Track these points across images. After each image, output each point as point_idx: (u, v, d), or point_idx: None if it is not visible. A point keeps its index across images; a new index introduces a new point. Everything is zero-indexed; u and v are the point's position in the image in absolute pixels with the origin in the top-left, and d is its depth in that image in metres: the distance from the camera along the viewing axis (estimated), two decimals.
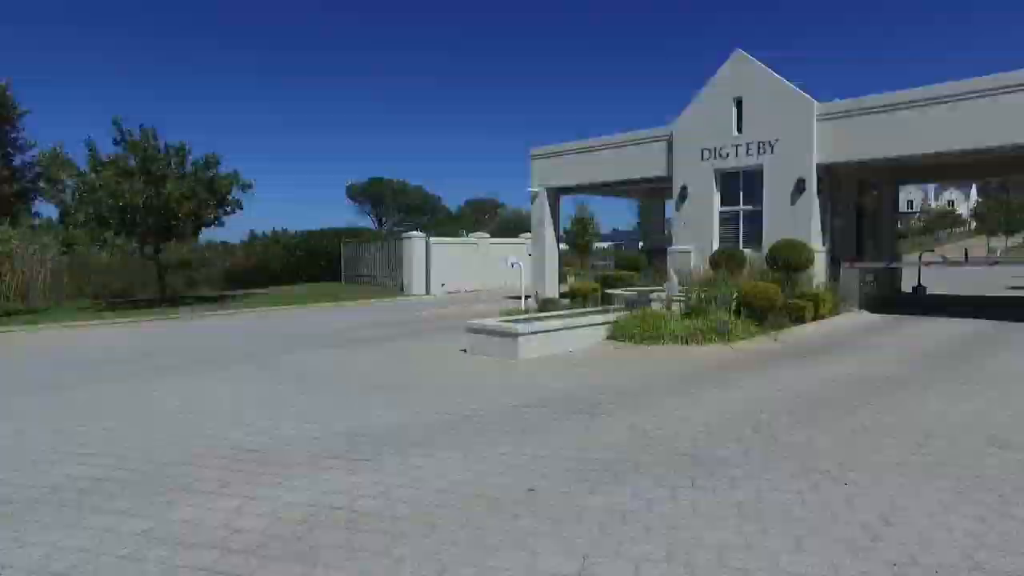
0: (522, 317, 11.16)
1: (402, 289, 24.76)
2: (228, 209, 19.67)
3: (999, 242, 78.51)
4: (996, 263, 28.67)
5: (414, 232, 25.96)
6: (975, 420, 5.73)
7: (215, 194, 19.04)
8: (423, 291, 24.41)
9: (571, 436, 5.40)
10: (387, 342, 11.66)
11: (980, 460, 4.64)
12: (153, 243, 19.78)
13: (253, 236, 35.59)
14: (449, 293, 24.56)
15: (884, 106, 13.86)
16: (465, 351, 10.11)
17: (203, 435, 5.64)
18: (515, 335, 9.34)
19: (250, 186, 19.71)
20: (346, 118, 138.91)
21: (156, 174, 17.82)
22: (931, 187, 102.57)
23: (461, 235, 35.06)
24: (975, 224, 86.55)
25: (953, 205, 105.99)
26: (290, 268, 29.50)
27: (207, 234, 25.24)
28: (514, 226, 57.47)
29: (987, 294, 20.40)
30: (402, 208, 77.05)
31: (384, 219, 77.21)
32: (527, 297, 15.12)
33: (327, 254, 29.56)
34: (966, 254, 28.34)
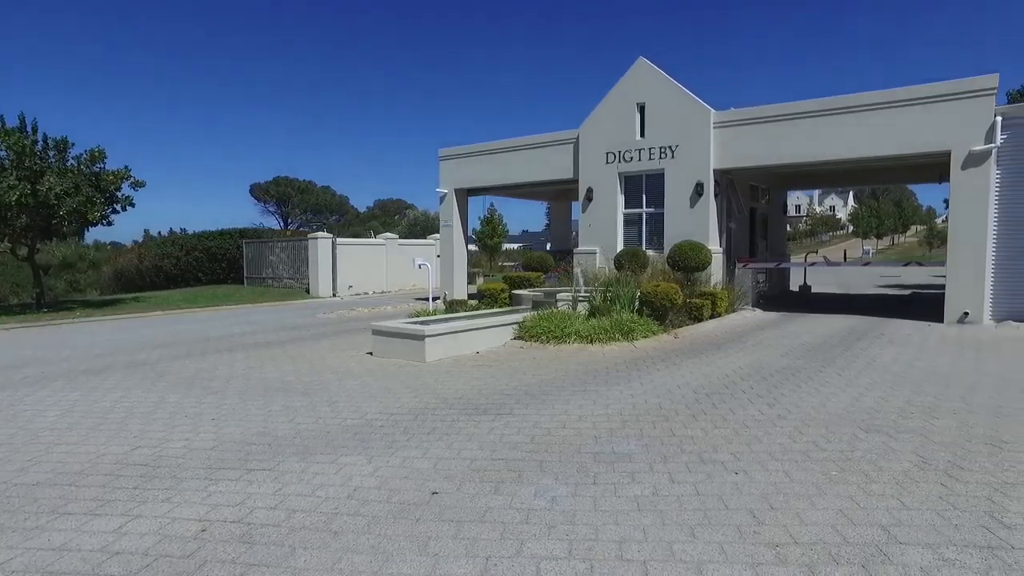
0: (429, 318, 11.08)
1: (308, 291, 24.03)
2: (118, 207, 18.37)
3: (871, 244, 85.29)
4: (868, 263, 31.16)
5: (320, 232, 25.25)
6: (849, 407, 6.20)
7: (102, 191, 17.73)
8: (330, 293, 23.80)
9: (476, 437, 5.41)
10: (290, 345, 11.27)
11: (851, 444, 5.02)
12: (28, 243, 18.20)
13: (148, 236, 33.47)
14: (356, 295, 24.06)
15: (769, 117, 14.79)
16: (371, 354, 9.93)
17: (81, 451, 5.23)
18: (421, 337, 9.26)
19: (142, 184, 18.51)
20: (249, 121, 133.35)
21: (32, 168, 16.41)
22: (815, 193, 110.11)
23: (369, 236, 34.44)
24: (852, 227, 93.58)
25: (834, 210, 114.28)
26: (188, 270, 27.92)
27: (95, 234, 23.57)
28: (423, 227, 57.10)
29: (862, 291, 22.12)
30: (309, 208, 74.84)
31: (290, 219, 74.75)
32: (435, 298, 15.03)
33: (228, 255, 28.19)
34: (845, 255, 30.61)
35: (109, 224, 18.53)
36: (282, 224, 72.60)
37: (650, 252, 15.69)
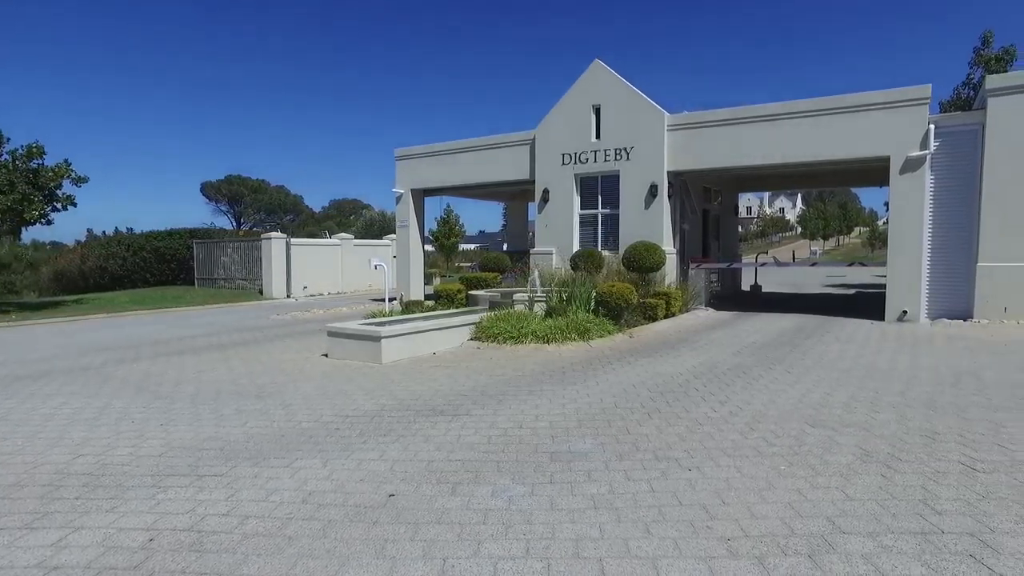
0: (386, 319, 10.99)
1: (261, 292, 23.54)
2: (58, 206, 17.65)
3: (818, 245, 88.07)
4: (815, 264, 32.22)
5: (274, 232, 24.77)
6: (796, 403, 6.40)
7: (40, 189, 17.01)
8: (284, 294, 23.36)
9: (433, 438, 5.40)
10: (243, 347, 11.03)
11: (799, 439, 5.19)
12: None
13: (91, 236, 32.21)
14: (311, 296, 23.69)
15: (721, 121, 15.15)
16: (326, 355, 9.80)
17: (16, 461, 5.02)
18: (378, 338, 9.18)
19: (85, 179, 17.82)
20: (204, 116, 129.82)
21: None
22: (766, 195, 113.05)
23: (324, 236, 33.92)
24: (800, 229, 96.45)
25: (783, 212, 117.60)
26: (135, 271, 26.97)
27: (34, 233, 22.59)
28: (379, 227, 56.53)
29: (810, 291, 22.83)
30: (262, 208, 73.31)
31: (243, 219, 73.11)
32: (391, 299, 14.90)
33: (177, 256, 27.36)
34: (793, 256, 31.52)
35: (49, 223, 17.80)
36: (235, 224, 70.98)
37: (606, 253, 15.88)
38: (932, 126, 12.86)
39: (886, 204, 13.90)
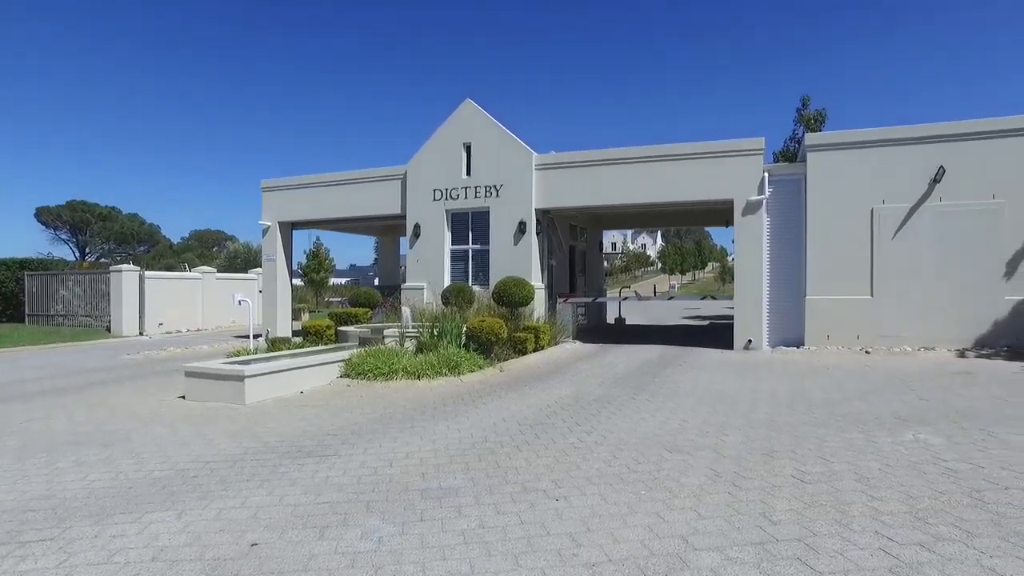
0: (250, 357, 10.46)
1: (109, 329, 21.52)
2: None
3: (677, 279, 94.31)
4: (672, 298, 34.51)
5: (126, 265, 22.87)
6: (656, 430, 6.82)
7: None
8: (136, 331, 21.50)
9: (300, 481, 5.20)
10: (87, 391, 10.02)
11: (658, 464, 5.53)
12: None
13: None
14: (167, 333, 21.98)
15: (585, 162, 16.05)
16: (184, 397, 9.16)
17: None
18: (241, 377, 8.72)
19: None
20: (43, 136, 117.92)
21: None
22: (629, 232, 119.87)
23: (183, 269, 31.73)
24: (660, 264, 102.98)
25: (645, 248, 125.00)
26: None
27: None
28: (244, 261, 53.75)
29: (669, 322, 24.36)
30: (113, 237, 67.32)
31: (88, 249, 66.73)
32: (256, 336, 14.20)
33: (3, 289, 24.45)
34: (654, 290, 33.51)
35: None
36: (78, 254, 64.69)
37: (476, 288, 16.12)
38: (766, 174, 14.39)
39: (733, 242, 15.27)
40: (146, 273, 22.59)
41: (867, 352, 13.18)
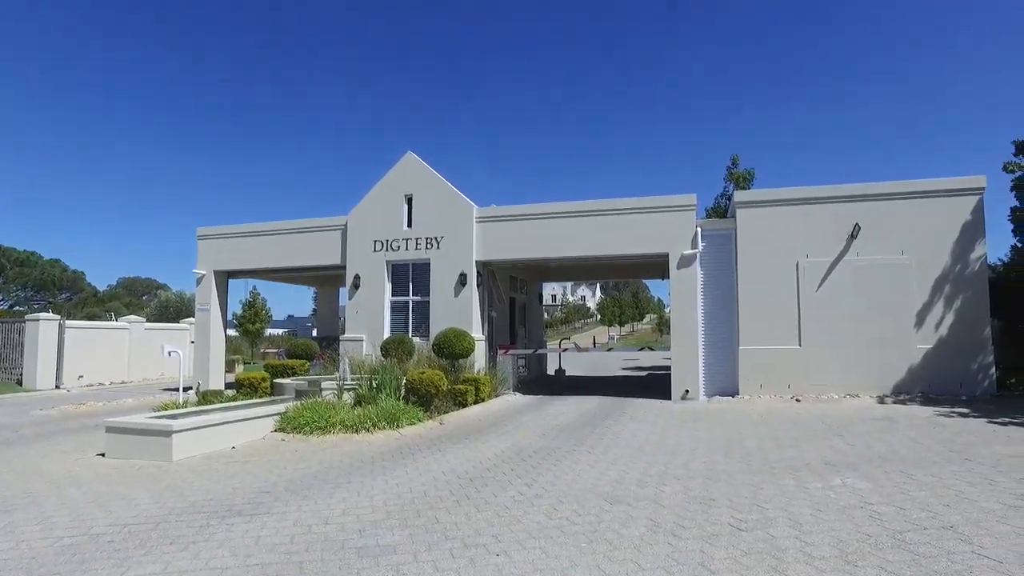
0: (179, 411, 9.99)
1: (20, 383, 20.14)
2: None
3: (615, 331, 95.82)
4: (611, 349, 35.04)
5: (44, 313, 21.63)
6: (596, 481, 6.83)
7: None
8: (52, 385, 20.19)
9: (228, 543, 4.95)
10: None
11: (599, 516, 5.53)
12: None
13: None
14: (89, 387, 20.76)
15: (525, 215, 16.39)
16: (103, 455, 8.63)
17: None
18: (168, 432, 8.31)
19: None
20: None
21: None
22: (569, 284, 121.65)
23: (109, 318, 30.24)
24: (599, 316, 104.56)
25: (584, 300, 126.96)
26: None
27: None
28: (177, 310, 51.72)
29: (609, 373, 24.65)
30: (30, 284, 63.65)
31: (2, 296, 62.76)
32: (187, 389, 13.61)
33: None
34: (594, 341, 33.97)
35: None
36: None
37: (416, 339, 15.99)
38: (699, 229, 14.99)
39: (669, 294, 15.72)
40: (67, 322, 21.43)
41: (797, 400, 13.65)
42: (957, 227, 13.77)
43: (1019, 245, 15.90)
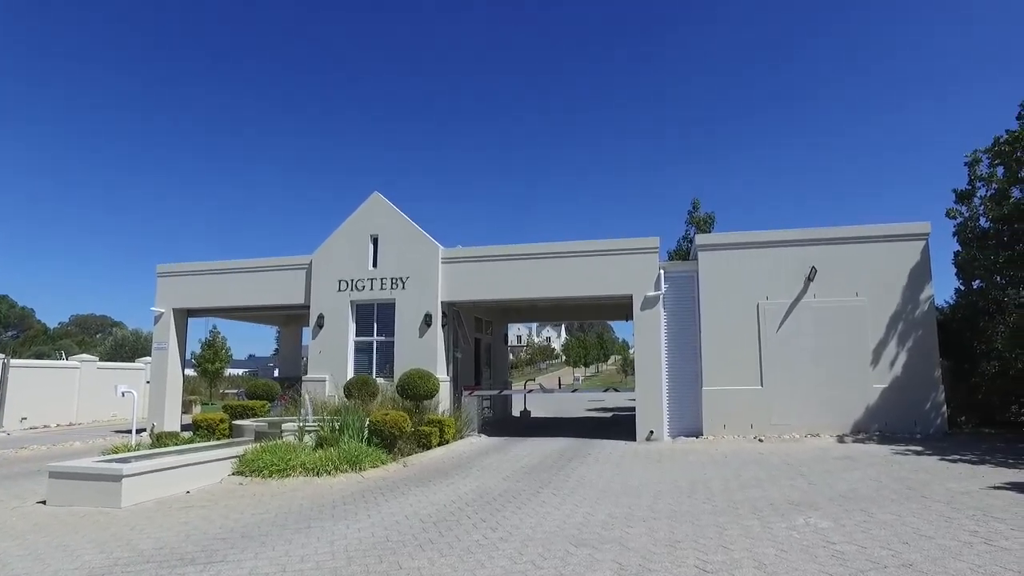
0: (130, 455, 9.63)
1: None
2: None
3: (581, 372, 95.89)
4: (576, 390, 35.05)
5: None
6: (562, 524, 6.75)
7: None
8: None
9: None
10: None
11: (564, 559, 5.46)
12: None
13: None
14: (33, 429, 19.86)
15: (490, 256, 16.51)
16: (44, 503, 8.23)
17: None
18: (117, 477, 7.98)
19: None
20: None
21: None
22: (534, 325, 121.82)
23: (57, 356, 29.17)
24: (565, 357, 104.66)
25: (550, 341, 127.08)
26: None
27: None
28: (132, 349, 50.13)
29: (573, 414, 24.58)
30: None
31: None
32: (140, 431, 13.12)
33: None
34: (559, 382, 33.96)
35: None
36: None
37: (380, 380, 15.78)
38: (662, 271, 15.27)
39: (633, 335, 15.88)
40: (12, 361, 20.60)
41: (760, 440, 13.78)
42: (906, 270, 14.31)
43: (963, 288, 16.55)
